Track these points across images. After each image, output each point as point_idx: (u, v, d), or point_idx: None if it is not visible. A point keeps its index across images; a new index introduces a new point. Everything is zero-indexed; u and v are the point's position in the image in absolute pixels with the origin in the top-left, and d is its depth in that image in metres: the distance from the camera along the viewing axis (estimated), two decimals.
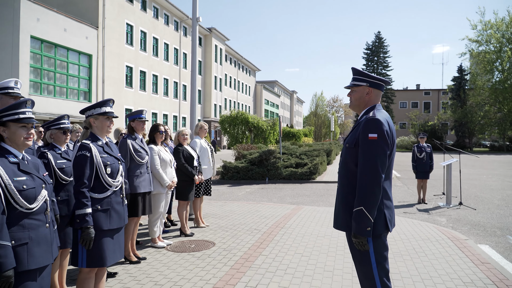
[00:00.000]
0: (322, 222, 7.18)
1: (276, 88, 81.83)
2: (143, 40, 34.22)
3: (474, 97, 48.14)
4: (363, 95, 2.77)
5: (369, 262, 2.60)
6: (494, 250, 5.79)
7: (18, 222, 2.24)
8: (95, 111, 3.12)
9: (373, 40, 64.60)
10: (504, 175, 17.08)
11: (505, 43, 44.91)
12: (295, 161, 15.61)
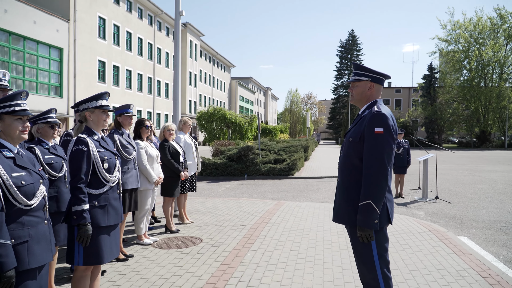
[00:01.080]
0: (306, 217, 7.24)
1: (251, 84, 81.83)
2: (116, 34, 33.47)
3: (444, 95, 49.62)
4: (365, 89, 2.80)
5: (371, 254, 2.63)
6: (473, 241, 5.99)
7: (17, 220, 2.16)
8: (90, 105, 3.03)
9: (347, 38, 65.59)
10: (474, 170, 17.69)
11: (473, 42, 46.43)
12: (274, 157, 15.67)
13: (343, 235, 5.90)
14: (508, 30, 45.24)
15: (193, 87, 50.06)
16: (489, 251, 5.49)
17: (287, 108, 68.66)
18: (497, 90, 44.59)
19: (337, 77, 67.06)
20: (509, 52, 45.69)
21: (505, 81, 45.78)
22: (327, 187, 12.25)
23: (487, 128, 46.93)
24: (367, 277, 2.67)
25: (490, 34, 46.05)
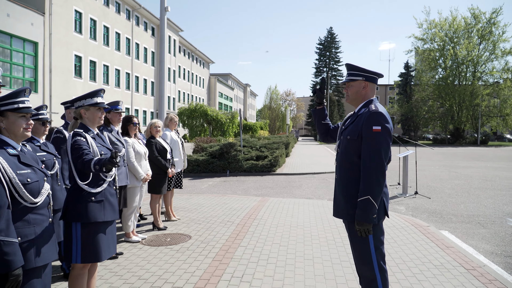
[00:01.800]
0: (291, 213, 7.32)
1: (230, 81, 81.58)
2: (92, 28, 32.82)
3: (419, 92, 50.72)
4: (359, 89, 2.88)
5: (368, 248, 2.72)
6: (453, 235, 6.19)
7: (23, 218, 2.14)
8: (86, 102, 3.01)
9: (326, 36, 66.16)
10: (450, 166, 18.19)
11: (448, 41, 47.56)
12: (256, 153, 15.72)
13: (330, 231, 6.01)
14: (481, 30, 46.53)
15: (171, 83, 49.57)
16: (469, 244, 5.69)
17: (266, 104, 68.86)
18: (471, 88, 45.85)
19: (315, 74, 67.63)
20: (482, 51, 47.02)
21: (478, 80, 47.11)
22: (309, 184, 12.39)
23: (461, 125, 48.24)
24: (364, 269, 2.75)
25: (464, 33, 47.27)
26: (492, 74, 46.49)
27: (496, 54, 46.07)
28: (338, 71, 65.52)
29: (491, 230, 6.60)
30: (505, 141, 58.36)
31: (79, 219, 2.79)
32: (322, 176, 14.32)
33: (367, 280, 2.76)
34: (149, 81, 44.27)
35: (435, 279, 4.07)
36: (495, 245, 5.71)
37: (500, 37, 45.85)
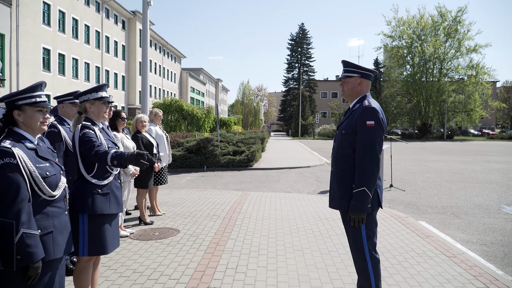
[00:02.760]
0: (274, 206, 7.46)
1: (202, 75, 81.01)
2: (61, 20, 31.85)
3: (388, 88, 52.01)
4: (355, 85, 3.02)
5: (360, 237, 2.88)
6: (431, 225, 6.49)
7: (42, 210, 2.16)
8: (91, 96, 3.00)
9: (297, 32, 66.58)
10: (420, 160, 18.83)
11: (416, 39, 48.93)
12: (233, 148, 15.78)
13: (314, 223, 6.18)
14: (447, 28, 48.10)
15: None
16: (446, 233, 5.99)
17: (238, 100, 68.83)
18: (437, 85, 47.38)
19: (287, 70, 68.07)
20: (448, 49, 48.63)
21: (444, 76, 48.74)
22: (287, 178, 12.58)
23: (428, 121, 49.80)
24: (357, 257, 2.92)
25: (431, 31, 48.75)
26: (458, 71, 48.22)
27: (461, 51, 47.78)
28: (310, 67, 66.20)
29: (465, 220, 6.95)
30: (469, 135, 60.70)
31: (85, 211, 2.80)
32: (298, 171, 14.55)
33: (360, 268, 2.92)
34: (120, 75, 43.40)
35: (420, 266, 4.29)
36: (470, 234, 6.04)
37: (465, 35, 47.56)
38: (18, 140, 2.15)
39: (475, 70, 47.08)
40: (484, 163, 17.57)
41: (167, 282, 3.77)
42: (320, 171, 14.51)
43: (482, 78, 47.22)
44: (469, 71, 47.60)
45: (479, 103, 47.21)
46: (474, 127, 62.82)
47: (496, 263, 4.72)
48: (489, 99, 50.18)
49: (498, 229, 6.32)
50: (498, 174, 13.51)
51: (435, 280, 3.89)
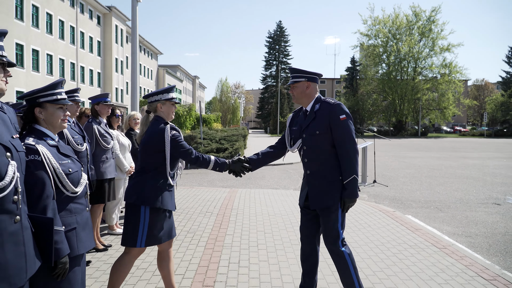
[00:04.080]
0: (264, 202, 7.56)
1: (179, 72, 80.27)
2: (35, 15, 30.97)
3: (365, 86, 52.95)
4: (303, 89, 3.16)
5: (336, 220, 3.02)
6: (417, 219, 6.72)
7: (65, 207, 2.17)
8: (163, 97, 3.13)
9: (275, 29, 66.84)
10: (398, 156, 19.32)
11: (391, 38, 49.98)
12: (216, 146, 15.82)
13: None
14: (421, 27, 49.30)
15: (119, 74, 47.95)
16: (433, 226, 6.23)
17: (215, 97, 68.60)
18: (412, 83, 48.55)
19: (265, 67, 68.29)
20: (422, 48, 49.85)
21: (418, 75, 49.97)
22: (271, 175, 12.70)
23: (403, 118, 50.97)
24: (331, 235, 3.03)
25: (406, 30, 49.87)
26: (431, 69, 49.53)
27: (435, 50, 49.08)
28: (288, 65, 66.52)
29: (449, 213, 7.23)
30: (442, 132, 62.44)
31: (151, 204, 2.93)
32: (282, 168, 14.70)
33: (337, 257, 3.03)
34: (95, 71, 42.57)
35: (414, 257, 4.47)
36: (455, 227, 6.30)
37: (439, 35, 48.88)
38: (40, 137, 2.16)
39: (448, 68, 48.46)
40: (460, 159, 18.18)
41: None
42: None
43: (455, 77, 48.65)
44: (443, 69, 48.97)
45: (452, 101, 48.62)
46: (446, 124, 64.64)
47: (483, 254, 4.96)
48: (461, 97, 51.77)
49: (480, 222, 6.61)
50: (474, 170, 14.02)
51: (430, 270, 4.07)
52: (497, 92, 67.52)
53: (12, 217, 1.58)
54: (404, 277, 3.90)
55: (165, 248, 3.18)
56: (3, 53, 1.65)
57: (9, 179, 1.55)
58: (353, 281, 2.98)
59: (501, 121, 58.16)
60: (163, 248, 3.17)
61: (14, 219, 1.59)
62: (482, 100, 70.47)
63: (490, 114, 59.29)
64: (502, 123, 58.01)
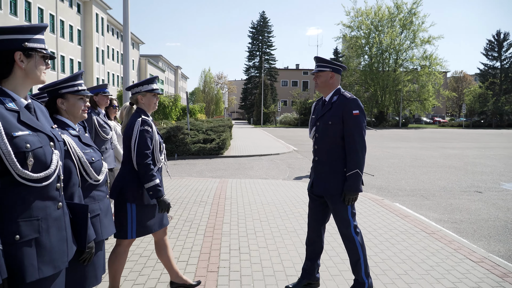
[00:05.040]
0: (256, 192, 7.70)
1: (161, 63, 79.38)
2: (13, 3, 30.20)
3: (347, 77, 53.40)
4: (327, 79, 3.29)
5: (344, 209, 3.17)
6: (404, 206, 6.98)
7: (89, 194, 2.26)
8: (143, 88, 3.13)
9: (258, 20, 66.63)
10: (381, 147, 19.71)
11: (373, 30, 50.47)
12: (203, 136, 15.84)
13: (300, 206, 6.48)
14: (403, 20, 49.93)
15: (100, 64, 47.18)
16: (420, 213, 6.48)
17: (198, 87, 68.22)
18: (394, 75, 49.26)
19: (249, 58, 68.16)
20: (403, 40, 50.54)
21: (400, 66, 50.70)
22: (259, 165, 12.85)
23: (384, 109, 51.74)
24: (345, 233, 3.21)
25: (388, 22, 50.42)
26: (412, 61, 50.33)
27: (416, 42, 49.83)
28: (271, 55, 66.59)
29: (434, 201, 7.51)
30: (422, 123, 63.66)
31: (134, 201, 2.97)
32: (269, 158, 14.87)
33: (349, 242, 3.20)
34: (76, 61, 41.81)
35: (405, 242, 4.69)
36: (441, 214, 6.57)
37: (420, 27, 49.60)
38: (63, 127, 2.23)
39: (428, 61, 49.31)
40: (440, 149, 18.68)
41: (178, 264, 3.92)
42: (290, 158, 14.89)
43: (435, 69, 49.56)
44: (423, 61, 49.80)
45: (432, 93, 49.57)
46: (426, 115, 65.91)
47: (469, 238, 5.22)
48: (440, 89, 52.80)
49: (464, 209, 6.91)
50: (454, 159, 14.46)
51: (421, 254, 4.29)
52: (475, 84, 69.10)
53: (55, 203, 1.67)
54: (398, 260, 4.11)
55: (160, 237, 3.25)
56: (45, 46, 1.72)
57: (54, 168, 1.64)
58: (361, 267, 3.14)
59: (478, 112, 59.60)
60: (158, 237, 3.24)
61: (57, 205, 1.68)
62: (461, 91, 72.02)
63: (468, 106, 60.68)
64: (480, 114, 59.50)
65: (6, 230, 1.49)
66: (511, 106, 56.54)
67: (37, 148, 1.58)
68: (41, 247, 1.58)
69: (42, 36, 1.71)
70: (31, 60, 1.67)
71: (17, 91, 1.67)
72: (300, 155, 16.03)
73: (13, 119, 1.56)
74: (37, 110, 1.76)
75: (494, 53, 58.49)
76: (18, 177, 1.51)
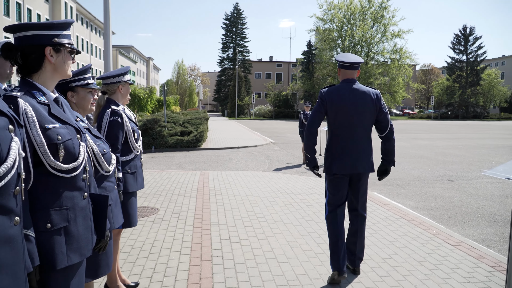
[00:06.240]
0: (239, 183, 7.81)
1: (132, 54, 77.87)
2: None
3: (320, 70, 53.96)
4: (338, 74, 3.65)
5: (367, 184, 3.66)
6: (382, 195, 7.25)
7: (100, 185, 2.33)
8: (123, 78, 3.13)
9: (232, 11, 66.21)
10: None
11: (346, 23, 51.08)
12: (180, 129, 15.78)
13: (283, 196, 6.64)
14: (374, 13, 50.73)
15: None
16: (397, 202, 6.77)
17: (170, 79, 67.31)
18: (365, 68, 50.03)
19: (222, 50, 67.74)
20: (375, 33, 51.41)
21: (371, 60, 51.58)
22: (238, 157, 12.96)
23: None
24: (364, 199, 3.64)
25: (360, 15, 51.12)
26: (383, 54, 51.26)
27: (386, 36, 50.77)
28: (245, 47, 66.42)
29: (409, 190, 7.84)
30: (392, 115, 65.11)
31: None
32: (247, 150, 14.99)
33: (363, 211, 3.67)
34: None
35: (387, 229, 4.92)
36: (416, 201, 6.88)
37: (390, 21, 50.53)
38: None
39: (398, 54, 50.37)
40: (412, 140, 19.29)
41: (171, 255, 4.00)
42: (267, 150, 15.06)
43: (405, 62, 50.70)
44: (393, 55, 50.82)
45: (402, 85, 50.76)
46: (396, 107, 67.48)
47: (445, 224, 5.52)
48: (410, 81, 54.11)
49: (438, 197, 7.25)
50: (425, 150, 15.00)
51: (403, 239, 4.53)
52: (442, 76, 71.20)
53: (82, 193, 1.73)
54: (382, 245, 4.32)
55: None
56: (71, 41, 1.77)
57: (81, 159, 1.70)
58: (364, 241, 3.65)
59: (446, 104, 61.62)
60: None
61: (83, 195, 1.74)
62: (429, 84, 74.14)
63: (436, 98, 62.60)
64: (447, 106, 61.52)
65: (38, 218, 1.55)
66: (476, 99, 58.73)
67: (67, 140, 1.64)
68: (70, 236, 1.64)
69: (69, 32, 1.76)
70: (60, 55, 1.72)
71: (46, 85, 1.72)
72: (277, 147, 16.22)
73: (45, 112, 1.62)
74: (63, 103, 1.82)
75: (461, 47, 60.40)
76: (50, 168, 1.57)
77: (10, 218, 1.27)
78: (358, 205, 3.60)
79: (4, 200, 1.25)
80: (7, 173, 1.24)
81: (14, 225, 1.28)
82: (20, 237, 1.32)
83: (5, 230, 1.24)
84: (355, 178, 3.56)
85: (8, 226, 1.25)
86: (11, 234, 1.26)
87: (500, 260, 3.93)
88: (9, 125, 1.31)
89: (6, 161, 1.24)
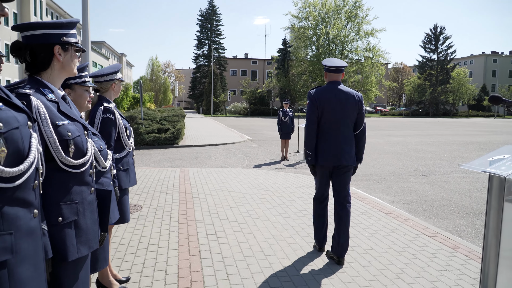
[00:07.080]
0: (220, 180, 7.89)
1: (104, 49, 76.23)
2: None
3: (295, 67, 54.43)
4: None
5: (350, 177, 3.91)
6: (360, 190, 7.48)
7: (98, 181, 2.37)
8: (117, 76, 3.15)
9: (207, 7, 65.84)
10: None
11: (320, 21, 51.65)
12: (157, 126, 15.68)
13: (264, 192, 6.76)
14: (348, 12, 51.51)
15: None
16: (375, 196, 7.00)
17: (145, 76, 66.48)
18: None
19: (197, 47, 67.30)
20: (348, 32, 52.20)
21: (345, 58, 52.35)
22: (216, 154, 13.01)
23: None
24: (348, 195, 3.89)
25: (334, 14, 51.79)
26: (357, 53, 52.14)
27: (360, 35, 51.64)
28: (220, 44, 66.20)
29: (385, 185, 8.10)
30: (366, 112, 66.40)
31: None
32: (225, 147, 15.05)
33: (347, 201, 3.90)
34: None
35: (367, 222, 5.11)
36: (393, 196, 7.14)
37: (364, 20, 51.42)
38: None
39: (371, 52, 51.33)
40: (385, 137, 19.79)
41: (159, 250, 4.05)
42: (245, 147, 15.16)
43: (377, 60, 51.72)
44: (367, 53, 51.77)
45: (374, 83, 51.78)
46: (369, 105, 68.84)
47: (420, 217, 5.77)
48: (382, 79, 55.26)
49: (413, 191, 7.54)
50: (399, 146, 15.45)
51: (382, 231, 4.73)
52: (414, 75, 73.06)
53: (89, 188, 1.78)
54: (363, 237, 4.50)
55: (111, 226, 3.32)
56: (78, 40, 1.81)
57: (89, 155, 1.76)
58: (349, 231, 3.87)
59: (417, 102, 63.32)
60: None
61: (90, 190, 1.79)
62: (401, 82, 75.89)
63: (407, 95, 64.17)
64: (418, 104, 63.23)
65: (50, 212, 1.60)
66: (446, 96, 60.59)
67: (77, 137, 1.69)
68: (79, 229, 1.70)
69: (75, 31, 1.80)
70: (68, 53, 1.76)
71: (54, 82, 1.76)
72: (255, 144, 16.35)
73: (54, 109, 1.67)
74: (69, 101, 1.86)
75: (432, 46, 62.17)
76: (60, 163, 1.62)
77: (30, 211, 1.32)
78: (342, 194, 3.87)
79: (25, 194, 1.30)
80: (29, 168, 1.30)
81: (34, 217, 1.34)
82: (39, 229, 1.37)
83: (27, 222, 1.30)
84: (340, 170, 3.82)
85: (29, 218, 1.31)
86: (32, 226, 1.32)
87: (473, 249, 4.17)
88: (28, 122, 1.36)
89: (28, 157, 1.30)
